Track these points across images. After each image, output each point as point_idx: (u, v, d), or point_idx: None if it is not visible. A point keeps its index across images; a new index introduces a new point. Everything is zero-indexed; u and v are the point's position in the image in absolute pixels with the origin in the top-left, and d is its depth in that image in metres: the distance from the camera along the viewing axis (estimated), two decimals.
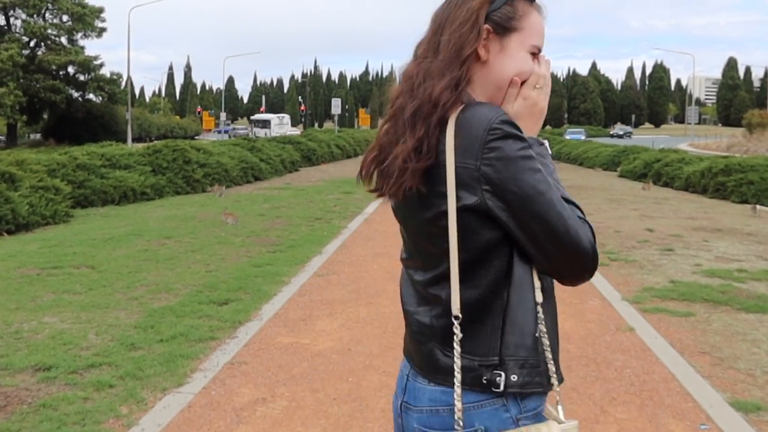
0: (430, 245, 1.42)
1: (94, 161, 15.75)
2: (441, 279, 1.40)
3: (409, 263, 1.53)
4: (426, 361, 1.44)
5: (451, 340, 1.37)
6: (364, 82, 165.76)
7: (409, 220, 1.48)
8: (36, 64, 45.90)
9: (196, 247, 9.35)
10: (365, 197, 15.79)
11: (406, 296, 1.53)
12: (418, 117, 1.38)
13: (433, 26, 1.47)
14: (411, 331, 1.51)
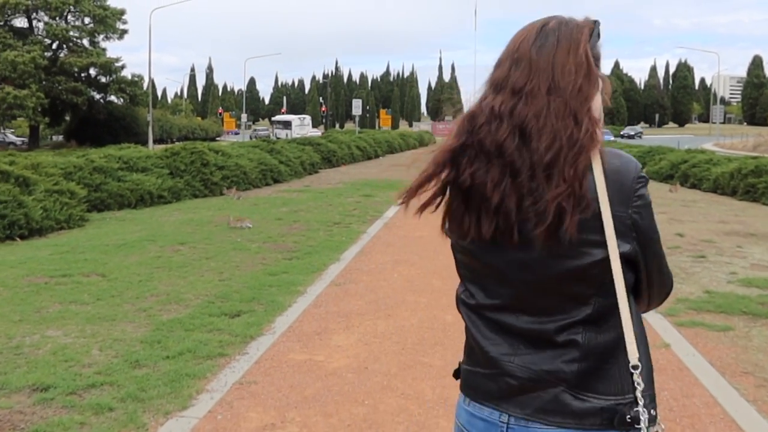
0: (570, 293, 1.39)
1: (111, 164, 15.58)
2: (577, 324, 1.39)
3: (509, 309, 1.45)
4: (551, 406, 1.41)
5: (587, 385, 1.38)
6: (385, 83, 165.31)
7: (531, 266, 1.40)
8: (58, 66, 46.05)
9: (210, 254, 9.08)
10: (385, 200, 15.49)
11: (493, 343, 1.47)
12: (565, 162, 1.34)
13: (532, 66, 1.42)
14: (515, 379, 1.44)
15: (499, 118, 1.39)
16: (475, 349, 1.50)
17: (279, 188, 19.61)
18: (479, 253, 1.45)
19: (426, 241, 10.32)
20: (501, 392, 1.45)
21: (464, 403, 1.54)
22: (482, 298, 1.48)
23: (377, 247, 9.94)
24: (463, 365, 1.56)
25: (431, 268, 8.42)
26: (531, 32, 1.45)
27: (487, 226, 1.39)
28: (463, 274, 1.56)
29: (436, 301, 6.87)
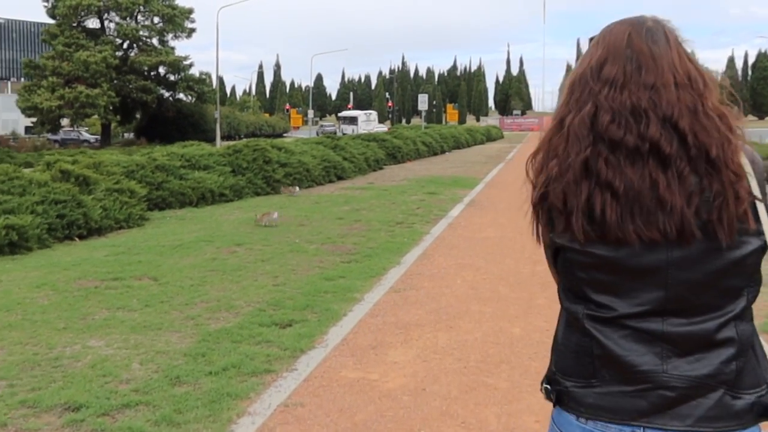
0: (727, 286, 1.36)
1: (173, 162, 15.49)
2: (732, 319, 1.37)
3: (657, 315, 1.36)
4: (713, 412, 1.35)
5: (740, 382, 1.35)
6: (452, 77, 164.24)
7: (690, 264, 1.35)
8: (128, 66, 47.00)
9: (266, 256, 8.75)
10: (450, 198, 14.97)
11: (638, 355, 1.36)
12: (726, 155, 1.33)
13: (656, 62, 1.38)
14: (672, 391, 1.35)
15: (641, 115, 1.33)
16: (610, 366, 1.38)
17: (342, 185, 19.27)
18: (626, 258, 1.36)
19: (492, 243, 9.76)
20: (654, 407, 1.36)
21: (579, 421, 1.42)
22: (624, 307, 1.38)
23: (440, 249, 9.44)
24: (578, 387, 1.42)
25: (497, 274, 7.88)
26: (638, 28, 1.42)
27: (660, 226, 1.32)
28: (589, 286, 1.41)
29: (503, 311, 6.34)
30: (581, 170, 1.36)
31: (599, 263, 1.37)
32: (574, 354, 1.43)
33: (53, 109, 44.44)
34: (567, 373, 1.44)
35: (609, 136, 1.34)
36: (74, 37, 46.45)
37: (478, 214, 12.97)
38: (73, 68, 44.76)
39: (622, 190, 1.33)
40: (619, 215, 1.33)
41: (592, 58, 1.43)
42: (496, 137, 63.11)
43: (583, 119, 1.38)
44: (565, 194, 1.38)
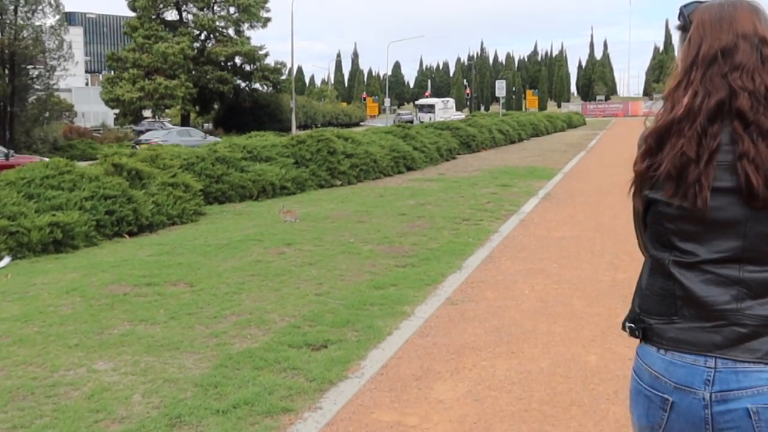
0: None
1: (234, 154, 14.98)
2: None
3: (735, 261, 1.57)
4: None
5: None
6: (533, 63, 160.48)
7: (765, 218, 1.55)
8: (205, 56, 47.32)
9: (315, 258, 8.01)
10: (524, 191, 13.95)
11: (716, 296, 1.58)
12: None
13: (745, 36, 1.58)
14: (745, 327, 1.56)
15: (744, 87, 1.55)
16: (691, 305, 1.60)
17: (411, 176, 18.42)
18: (712, 211, 1.56)
19: (568, 244, 8.75)
20: (728, 341, 1.56)
21: (659, 352, 1.64)
22: (705, 254, 1.59)
23: (508, 251, 8.50)
24: (662, 324, 1.64)
25: (572, 282, 6.90)
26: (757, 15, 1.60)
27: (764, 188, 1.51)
28: (675, 235, 1.62)
29: (576, 332, 5.39)
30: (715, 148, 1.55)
31: (685, 215, 1.59)
32: (658, 296, 1.65)
33: (134, 100, 45.18)
34: (651, 312, 1.66)
35: (747, 117, 1.54)
36: (153, 29, 47.05)
37: (553, 209, 11.92)
38: (153, 60, 45.33)
39: (759, 162, 1.52)
40: (759, 182, 1.52)
41: (718, 40, 1.58)
42: (577, 124, 60.88)
43: (719, 101, 1.55)
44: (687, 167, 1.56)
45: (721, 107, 1.56)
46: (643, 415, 1.71)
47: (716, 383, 1.57)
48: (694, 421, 1.61)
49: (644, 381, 1.69)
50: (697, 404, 1.60)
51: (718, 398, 1.57)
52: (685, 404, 1.62)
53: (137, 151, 15.08)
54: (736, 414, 1.56)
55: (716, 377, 1.57)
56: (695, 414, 1.60)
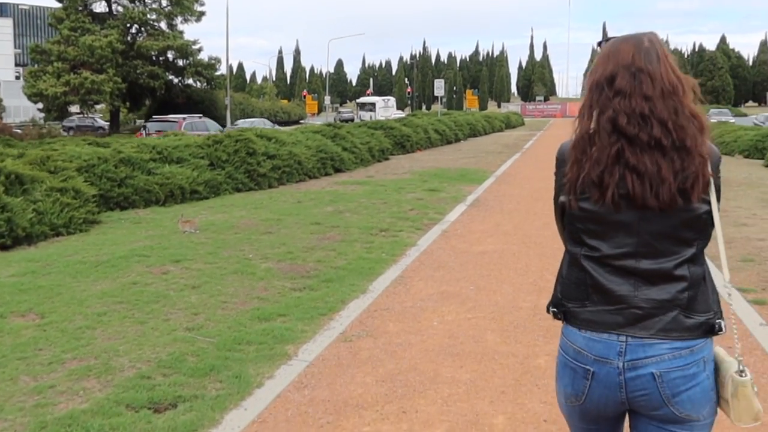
0: (681, 237, 1.90)
1: (142, 155, 13.76)
2: (685, 261, 1.91)
3: (631, 256, 1.91)
4: (671, 327, 1.89)
5: (692, 307, 1.90)
6: (474, 63, 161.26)
7: (656, 220, 1.89)
8: (135, 50, 45.38)
9: (201, 279, 6.98)
10: (452, 197, 13.11)
11: (617, 285, 1.92)
12: (700, 141, 1.89)
13: (652, 77, 1.91)
14: (640, 309, 1.90)
15: (646, 118, 1.87)
16: (598, 292, 1.94)
17: (338, 179, 17.45)
18: (609, 215, 1.90)
19: (489, 261, 7.91)
20: (627, 321, 1.91)
21: (580, 332, 1.97)
22: (607, 249, 1.92)
23: (423, 269, 7.61)
24: (576, 307, 1.98)
25: (489, 310, 6.04)
26: (638, 49, 1.93)
27: (661, 195, 1.85)
28: (584, 234, 1.96)
29: (486, 380, 4.51)
30: (614, 157, 1.88)
31: (590, 217, 1.93)
32: (574, 284, 1.99)
33: (58, 95, 42.96)
34: (569, 298, 2.00)
35: (627, 133, 1.88)
36: (80, 21, 44.90)
37: (480, 217, 11.10)
38: (79, 53, 43.22)
39: (643, 171, 1.86)
40: (642, 190, 1.86)
41: (605, 70, 1.94)
42: (516, 124, 60.80)
43: (608, 119, 1.90)
44: (602, 174, 1.89)
45: (614, 125, 1.89)
46: (569, 385, 2.01)
47: (627, 354, 1.90)
48: (611, 386, 1.93)
49: (569, 355, 1.99)
50: (613, 372, 1.92)
51: (629, 366, 1.90)
52: (603, 373, 1.93)
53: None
54: (644, 378, 1.90)
55: (627, 349, 1.90)
56: (612, 380, 1.93)
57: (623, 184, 1.87)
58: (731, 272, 7.98)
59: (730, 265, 8.00)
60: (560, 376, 2.05)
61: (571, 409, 2.05)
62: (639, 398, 1.92)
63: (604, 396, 1.95)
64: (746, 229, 9.90)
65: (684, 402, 1.90)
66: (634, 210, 1.88)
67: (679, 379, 1.89)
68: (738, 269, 7.55)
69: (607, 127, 1.90)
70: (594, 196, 1.90)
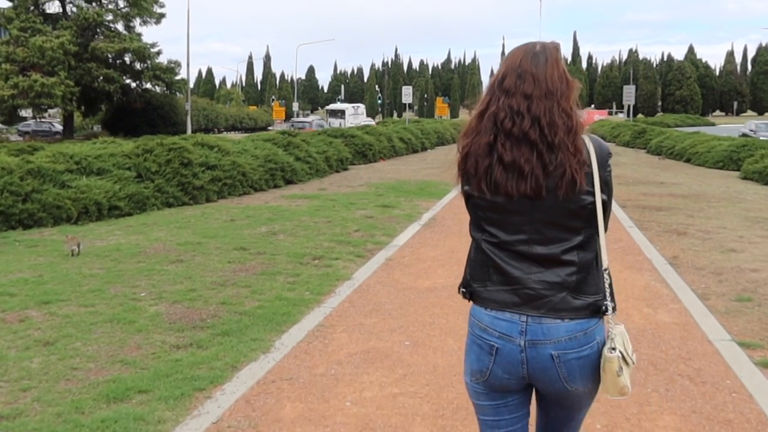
0: (569, 226, 2.07)
1: (56, 165, 12.13)
2: (573, 248, 2.07)
3: (525, 242, 2.08)
4: (560, 306, 2.06)
5: (580, 289, 2.07)
6: (446, 71, 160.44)
7: (544, 210, 2.05)
8: (89, 52, 43.34)
9: (62, 332, 5.42)
10: (406, 214, 11.66)
11: (513, 268, 2.10)
12: (570, 138, 2.04)
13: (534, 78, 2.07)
14: (532, 290, 2.08)
15: (521, 114, 2.05)
16: (498, 273, 2.12)
17: (286, 192, 15.92)
18: (505, 204, 2.07)
19: (436, 301, 6.45)
20: (522, 300, 2.08)
21: (485, 310, 2.14)
22: (504, 236, 2.10)
23: (352, 313, 6.12)
24: (480, 287, 2.16)
25: (423, 380, 4.57)
26: (527, 54, 2.10)
27: (524, 185, 2.02)
28: (484, 221, 2.13)
29: None
30: (486, 149, 2.07)
31: (489, 206, 2.10)
32: (479, 266, 2.16)
33: (6, 98, 40.81)
34: (475, 279, 2.18)
35: (503, 127, 2.06)
36: (31, 21, 42.79)
37: (433, 241, 9.64)
38: (28, 54, 41.13)
39: (509, 162, 2.04)
40: (506, 178, 2.04)
41: (499, 72, 2.15)
42: None
43: (490, 115, 2.10)
44: (476, 163, 2.08)
45: (494, 120, 2.09)
46: (475, 361, 2.18)
47: (528, 333, 2.08)
48: (514, 362, 2.11)
49: (476, 332, 2.18)
50: (516, 349, 2.10)
51: (530, 344, 2.08)
52: (506, 349, 2.11)
53: None
54: (543, 357, 2.08)
55: (527, 329, 2.08)
56: (514, 357, 2.11)
57: (491, 172, 2.05)
58: (727, 315, 6.69)
59: (725, 305, 6.67)
60: (468, 353, 2.21)
61: (476, 387, 2.20)
62: (538, 374, 2.10)
63: (507, 371, 2.12)
64: (736, 256, 8.57)
65: (576, 378, 2.10)
66: (523, 201, 2.05)
67: (574, 361, 2.08)
68: (735, 313, 6.17)
69: (489, 122, 2.09)
70: (471, 184, 2.10)
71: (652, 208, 12.85)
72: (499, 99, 2.08)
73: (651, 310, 6.24)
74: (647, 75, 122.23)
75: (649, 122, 53.39)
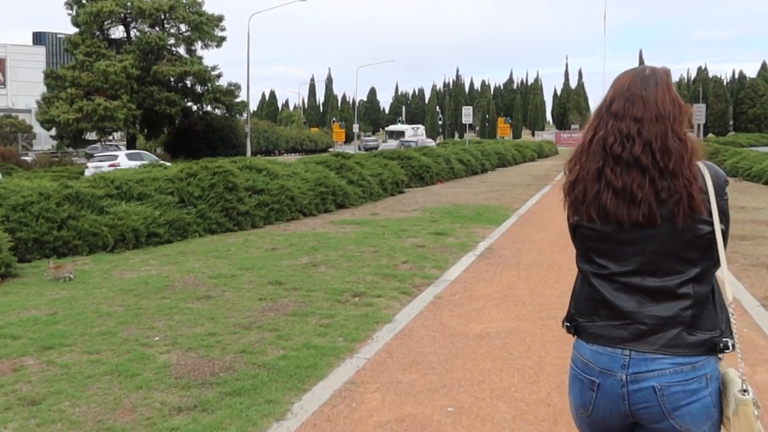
0: (684, 257, 1.96)
1: (95, 190, 11.68)
2: (689, 281, 1.97)
3: (637, 274, 1.98)
4: (674, 342, 1.95)
5: (695, 324, 1.95)
6: (508, 91, 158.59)
7: (658, 240, 1.96)
8: (151, 76, 43.95)
9: (53, 387, 4.73)
10: (460, 243, 10.79)
11: (623, 301, 1.99)
12: (685, 164, 1.96)
13: (644, 102, 2.01)
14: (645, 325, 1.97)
15: (631, 138, 1.98)
16: (606, 308, 2.01)
17: (336, 217, 15.20)
18: (615, 234, 1.98)
19: (488, 351, 5.54)
20: (632, 336, 1.97)
21: (588, 344, 2.05)
22: (615, 267, 2.00)
23: (389, 367, 5.26)
24: (586, 322, 2.06)
25: None
26: (636, 78, 2.04)
27: (635, 212, 1.94)
28: (593, 252, 2.05)
29: None
30: (595, 174, 2.01)
31: (598, 236, 2.01)
32: (585, 300, 2.07)
33: (71, 122, 41.63)
34: (580, 313, 2.08)
35: (612, 152, 1.99)
36: (95, 46, 43.73)
37: (488, 275, 8.72)
38: (93, 79, 41.97)
39: (619, 187, 1.96)
40: (616, 205, 1.96)
41: (607, 96, 2.08)
42: (549, 153, 58.22)
43: (599, 140, 2.03)
44: (585, 189, 2.02)
45: (603, 145, 2.02)
46: (577, 396, 2.10)
47: (630, 367, 1.97)
48: (615, 398, 2.00)
49: (578, 367, 2.09)
50: (617, 384, 1.99)
51: (632, 379, 1.97)
52: (607, 385, 2.01)
53: None
54: (646, 391, 1.96)
55: (630, 363, 1.97)
56: (615, 392, 2.00)
57: (600, 199, 1.99)
58: None
59: None
60: (571, 388, 2.14)
61: (582, 421, 2.12)
62: (641, 411, 1.98)
63: (609, 407, 2.02)
64: None
65: (684, 416, 1.95)
66: (634, 229, 1.96)
67: (679, 394, 1.94)
68: None
69: (597, 147, 2.03)
70: (580, 211, 2.04)
71: (735, 237, 11.62)
72: (607, 123, 2.04)
73: (748, 368, 5.20)
74: (717, 93, 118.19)
75: (720, 142, 51.28)
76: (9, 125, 74.78)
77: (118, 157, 31.67)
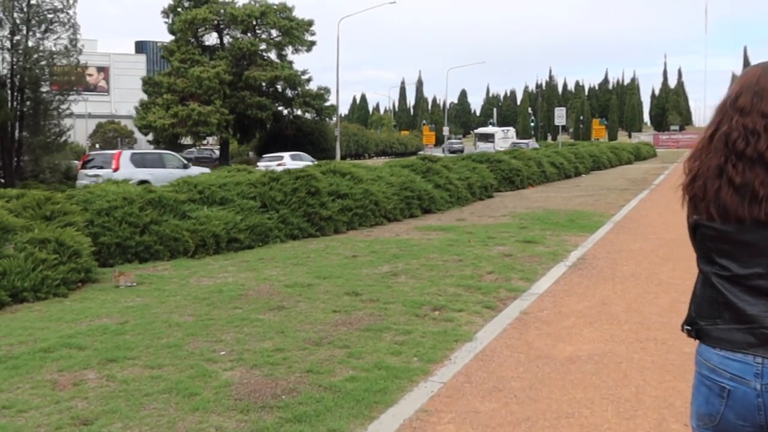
0: None
1: (178, 195, 11.65)
2: None
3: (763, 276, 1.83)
4: None
5: None
6: (603, 91, 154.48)
7: None
8: (243, 81, 44.73)
9: (108, 405, 4.46)
10: (551, 252, 10.18)
11: (748, 304, 1.85)
12: None
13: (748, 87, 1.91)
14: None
15: (757, 134, 1.85)
16: (730, 311, 1.88)
17: (421, 222, 14.77)
18: (737, 233, 1.86)
19: (577, 379, 4.97)
20: (759, 341, 1.83)
21: (714, 350, 1.91)
22: (738, 269, 1.87)
23: (467, 393, 4.77)
24: (708, 325, 1.93)
25: None
26: (766, 71, 1.90)
27: (757, 209, 1.81)
28: (714, 253, 1.92)
29: None
30: (716, 171, 1.88)
31: (719, 236, 1.89)
32: (707, 303, 1.94)
33: (167, 126, 42.85)
34: (702, 316, 1.96)
35: (736, 148, 1.87)
36: (190, 53, 44.89)
37: (580, 288, 8.09)
38: (187, 85, 43.09)
39: (740, 184, 1.84)
40: (737, 202, 1.84)
41: (733, 91, 1.95)
42: (646, 156, 56.04)
43: (721, 136, 1.91)
44: (705, 185, 1.90)
45: (726, 140, 1.89)
46: (703, 404, 1.95)
47: (765, 376, 1.83)
48: (749, 408, 1.85)
49: (703, 372, 1.95)
50: (751, 393, 1.85)
51: (767, 389, 1.82)
52: (740, 393, 1.86)
53: None
54: None
55: (764, 371, 1.83)
56: (750, 402, 1.85)
57: (720, 196, 1.88)
58: None
59: None
60: (694, 396, 2.01)
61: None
62: None
63: (742, 417, 1.89)
64: None
65: None
66: (758, 228, 1.84)
67: None
68: None
69: (719, 143, 1.92)
70: (699, 209, 1.93)
71: None
72: (732, 118, 1.92)
73: None
74: None
75: None
76: (112, 130, 78.17)
77: (284, 158, 35.13)
